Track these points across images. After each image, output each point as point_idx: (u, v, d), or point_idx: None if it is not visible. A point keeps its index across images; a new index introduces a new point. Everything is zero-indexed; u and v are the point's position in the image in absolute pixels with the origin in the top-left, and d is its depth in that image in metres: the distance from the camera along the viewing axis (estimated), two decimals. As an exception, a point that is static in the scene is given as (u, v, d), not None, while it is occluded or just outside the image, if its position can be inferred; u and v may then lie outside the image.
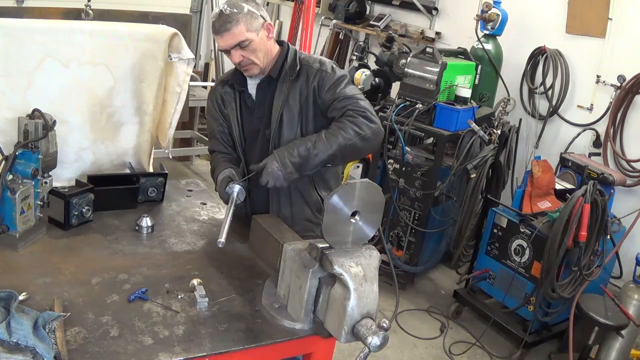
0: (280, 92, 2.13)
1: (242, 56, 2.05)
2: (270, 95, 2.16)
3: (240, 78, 2.22)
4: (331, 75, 2.10)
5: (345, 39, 6.12)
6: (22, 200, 1.87)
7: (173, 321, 1.61)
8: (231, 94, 2.24)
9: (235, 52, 2.04)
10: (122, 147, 2.51)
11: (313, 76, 2.11)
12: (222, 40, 2.02)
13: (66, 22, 2.42)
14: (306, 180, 2.20)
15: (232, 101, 2.24)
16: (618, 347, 3.22)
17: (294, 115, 2.12)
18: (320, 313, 1.60)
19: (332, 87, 2.09)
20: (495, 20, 4.22)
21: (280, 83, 2.14)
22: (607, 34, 3.97)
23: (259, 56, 2.08)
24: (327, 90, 2.09)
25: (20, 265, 1.80)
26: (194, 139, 5.85)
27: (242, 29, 2.00)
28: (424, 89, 3.89)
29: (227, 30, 1.99)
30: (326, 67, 2.13)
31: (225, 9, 2.00)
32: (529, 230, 3.38)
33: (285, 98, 2.12)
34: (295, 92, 2.12)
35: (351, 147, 2.00)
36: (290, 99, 2.12)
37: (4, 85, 2.13)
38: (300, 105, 2.12)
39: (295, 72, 2.12)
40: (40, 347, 1.35)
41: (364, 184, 1.55)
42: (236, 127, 2.23)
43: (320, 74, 2.11)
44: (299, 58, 2.15)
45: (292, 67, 2.13)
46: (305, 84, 2.12)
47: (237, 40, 2.01)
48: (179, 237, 2.13)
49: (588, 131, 4.11)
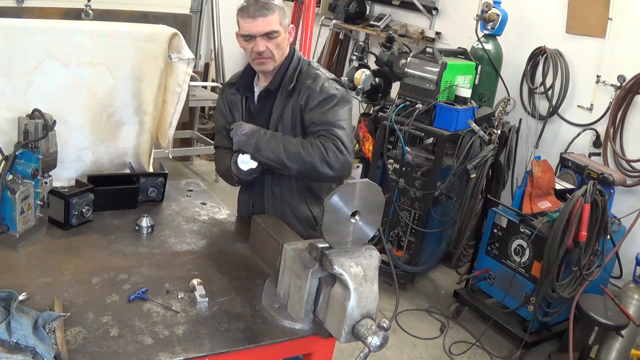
0: (277, 106, 2.13)
1: (267, 47, 2.03)
2: (270, 108, 2.15)
3: (247, 83, 2.21)
4: (317, 95, 2.05)
5: (345, 39, 6.12)
6: (22, 200, 1.87)
7: (173, 321, 1.61)
8: (238, 96, 2.24)
9: (261, 40, 2.02)
10: (122, 147, 2.51)
11: (303, 93, 2.09)
12: (253, 24, 1.99)
13: (66, 22, 2.42)
14: (296, 195, 2.21)
15: (239, 104, 2.23)
16: (618, 347, 3.22)
17: (287, 131, 2.11)
18: (320, 313, 1.60)
19: (315, 108, 2.05)
20: (495, 20, 4.22)
21: (278, 97, 2.13)
22: (607, 34, 3.97)
23: (279, 53, 2.07)
24: (310, 109, 2.06)
25: (20, 265, 1.80)
26: (194, 139, 5.85)
27: (276, 19, 2.01)
28: (424, 89, 3.89)
29: (262, 16, 1.98)
30: (316, 84, 2.08)
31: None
32: (529, 230, 3.38)
33: (280, 113, 2.11)
34: (289, 108, 2.11)
35: (310, 166, 1.98)
36: (285, 114, 2.11)
37: (4, 85, 2.13)
38: (292, 122, 2.11)
39: (290, 87, 2.10)
40: (40, 347, 1.35)
41: (364, 184, 1.55)
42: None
43: (308, 91, 2.07)
44: (298, 71, 2.12)
45: (289, 81, 2.11)
46: (297, 100, 2.10)
47: (269, 28, 2.00)
48: (179, 237, 2.13)
49: (588, 131, 4.11)
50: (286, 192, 2.22)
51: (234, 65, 7.32)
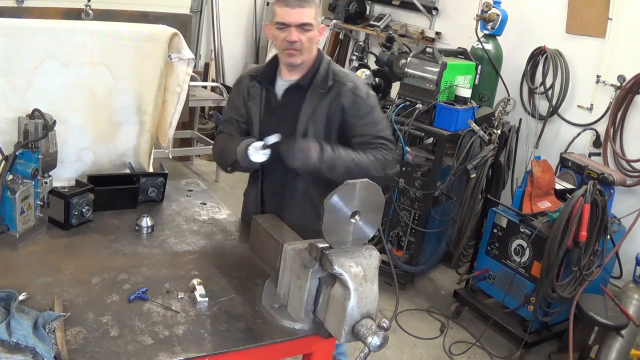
0: (309, 104, 2.10)
1: (299, 38, 2.02)
2: (297, 104, 2.12)
3: (270, 76, 2.20)
4: (365, 101, 2.09)
5: (345, 39, 6.12)
6: (22, 200, 1.87)
7: (173, 321, 1.61)
8: (257, 89, 2.21)
9: (295, 30, 2.01)
10: (122, 147, 2.51)
11: (345, 95, 2.08)
12: (290, 13, 2.00)
13: (66, 22, 2.42)
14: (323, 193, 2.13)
15: (257, 97, 2.20)
16: (618, 347, 3.21)
17: (320, 130, 2.09)
18: (320, 313, 1.60)
19: (365, 115, 2.08)
20: (495, 20, 4.22)
21: (310, 94, 2.11)
22: (607, 34, 3.97)
23: (309, 48, 2.07)
24: (359, 116, 2.08)
25: (20, 265, 1.80)
26: (194, 139, 5.85)
27: (312, 13, 2.02)
28: (424, 89, 3.89)
29: (301, 7, 2.00)
30: (360, 90, 2.10)
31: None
32: (529, 230, 3.38)
33: (313, 111, 2.09)
34: (324, 107, 2.09)
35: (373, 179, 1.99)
36: (318, 114, 2.09)
37: (4, 85, 2.13)
38: (326, 122, 2.09)
39: (327, 86, 2.09)
40: (40, 347, 1.35)
41: (364, 184, 1.55)
42: (256, 124, 2.19)
43: (353, 97, 2.08)
44: (332, 72, 2.12)
45: (324, 80, 2.10)
46: (335, 101, 2.09)
47: (305, 19, 2.01)
48: (179, 237, 2.13)
49: (588, 131, 4.11)
50: (312, 189, 2.18)
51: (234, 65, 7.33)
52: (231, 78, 7.28)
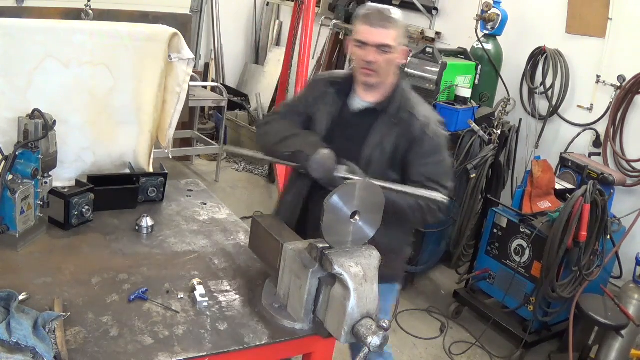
0: (379, 131, 2.04)
1: (377, 59, 1.97)
2: (368, 127, 2.05)
3: (348, 89, 2.14)
4: (431, 140, 2.02)
5: (345, 39, 6.12)
6: (22, 200, 1.87)
7: (173, 321, 1.62)
8: (332, 97, 2.14)
9: (374, 50, 1.96)
10: (122, 147, 2.50)
11: (414, 130, 2.01)
12: (371, 33, 1.95)
13: (66, 22, 2.42)
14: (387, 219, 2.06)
15: (330, 104, 2.13)
16: (618, 347, 3.22)
17: (384, 159, 2.02)
18: (320, 313, 1.60)
19: (426, 155, 2.01)
20: (495, 20, 4.22)
21: (382, 120, 2.05)
22: (607, 34, 3.97)
23: (387, 70, 2.01)
24: (421, 155, 2.00)
25: (20, 265, 1.80)
26: (194, 139, 5.85)
27: (394, 35, 1.96)
28: (424, 89, 3.89)
29: (383, 27, 1.95)
30: (430, 128, 2.03)
31: (384, 9, 1.97)
32: (529, 230, 3.38)
33: (381, 139, 2.02)
34: (392, 137, 2.02)
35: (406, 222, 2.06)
36: (386, 142, 2.02)
37: (4, 85, 2.13)
38: (392, 152, 2.02)
39: (399, 117, 2.03)
40: (40, 347, 1.35)
41: (364, 184, 1.55)
42: (320, 131, 2.11)
43: (421, 133, 2.01)
44: (407, 101, 2.06)
45: (398, 109, 2.04)
46: (404, 133, 2.02)
47: (385, 41, 1.95)
48: (179, 237, 2.13)
49: (588, 131, 4.11)
50: None
51: (234, 65, 7.34)
52: (231, 78, 7.29)
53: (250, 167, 6.09)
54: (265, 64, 7.20)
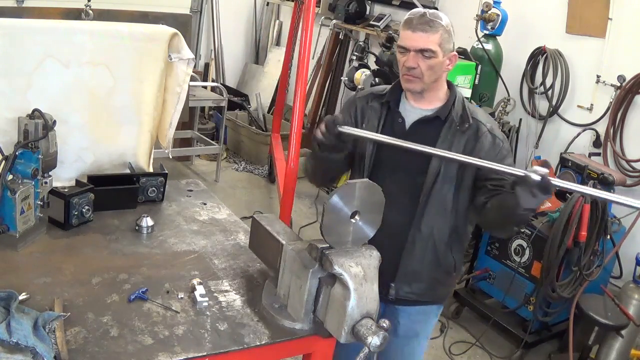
0: (445, 141, 1.95)
1: (418, 64, 1.89)
2: (430, 139, 1.93)
3: (397, 99, 2.04)
4: (503, 145, 1.97)
5: (345, 39, 6.12)
6: (22, 200, 1.87)
7: (173, 321, 1.61)
8: (377, 110, 2.04)
9: (414, 56, 1.89)
10: (122, 147, 2.50)
11: (483, 137, 1.95)
12: (412, 37, 1.88)
13: (66, 22, 2.42)
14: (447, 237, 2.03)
15: (376, 119, 2.04)
16: (618, 347, 3.22)
17: (452, 171, 1.95)
18: (320, 313, 1.60)
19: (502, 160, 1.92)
20: (495, 20, 4.22)
21: (446, 130, 1.96)
22: (607, 34, 3.97)
23: (430, 76, 1.92)
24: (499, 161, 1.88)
25: (20, 265, 1.80)
26: (194, 139, 5.85)
27: (437, 39, 1.88)
28: (424, 89, 3.89)
29: (423, 31, 1.87)
30: (497, 132, 1.99)
31: (428, 12, 1.90)
32: (529, 230, 3.38)
33: (449, 148, 1.93)
34: (459, 147, 1.94)
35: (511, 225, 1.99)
36: (454, 150, 1.92)
37: (4, 85, 2.13)
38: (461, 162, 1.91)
39: (465, 125, 1.95)
40: (40, 347, 1.35)
41: (364, 184, 1.55)
42: (370, 148, 2.02)
43: (492, 139, 1.96)
44: (469, 109, 1.99)
45: (462, 117, 1.97)
46: (471, 142, 1.95)
47: (426, 45, 1.87)
48: (179, 237, 2.13)
49: (588, 131, 4.11)
50: (437, 231, 2.01)
51: (234, 65, 7.34)
52: (231, 78, 7.30)
53: (250, 167, 6.09)
54: (265, 64, 7.20)
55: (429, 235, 2.01)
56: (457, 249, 2.11)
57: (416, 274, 2.04)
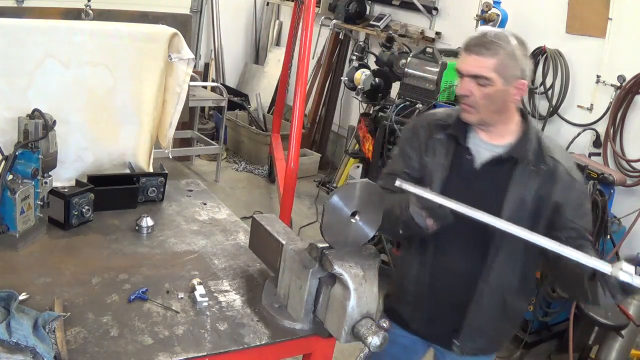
0: (519, 183, 1.72)
1: (471, 92, 1.68)
2: (502, 179, 1.73)
3: (464, 131, 1.79)
4: (581, 187, 1.76)
5: (345, 39, 6.12)
6: (22, 200, 1.87)
7: (173, 321, 1.61)
8: (444, 144, 1.80)
9: (467, 81, 1.68)
10: (122, 147, 2.50)
11: (560, 179, 1.71)
12: (465, 60, 1.68)
13: (66, 22, 2.42)
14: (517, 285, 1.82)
15: (443, 155, 1.80)
16: (618, 347, 3.21)
17: (525, 215, 1.71)
18: (320, 313, 1.61)
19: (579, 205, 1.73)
20: (495, 20, 4.22)
21: (519, 170, 1.73)
22: (607, 34, 3.97)
23: (487, 106, 1.69)
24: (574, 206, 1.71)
25: (20, 265, 1.80)
26: (194, 139, 5.85)
27: (493, 64, 1.64)
28: (424, 89, 3.89)
29: (478, 54, 1.65)
30: (575, 172, 1.75)
31: (491, 33, 1.67)
32: (529, 230, 3.37)
33: (522, 194, 1.72)
34: (534, 188, 1.72)
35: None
36: (528, 195, 1.72)
37: (4, 85, 2.13)
38: (534, 207, 1.72)
39: (541, 164, 1.72)
40: (40, 347, 1.35)
41: (364, 184, 1.55)
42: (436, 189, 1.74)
43: (571, 181, 1.72)
44: (545, 146, 1.75)
45: (538, 156, 1.73)
46: (547, 183, 1.72)
47: (479, 71, 1.65)
48: (179, 237, 2.13)
49: (588, 131, 4.11)
50: (506, 283, 1.79)
51: (234, 65, 7.35)
52: (231, 78, 7.30)
53: (250, 167, 6.10)
54: (265, 64, 7.21)
55: (497, 287, 1.79)
56: (525, 296, 1.92)
57: (482, 329, 1.85)
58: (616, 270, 1.33)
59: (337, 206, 1.50)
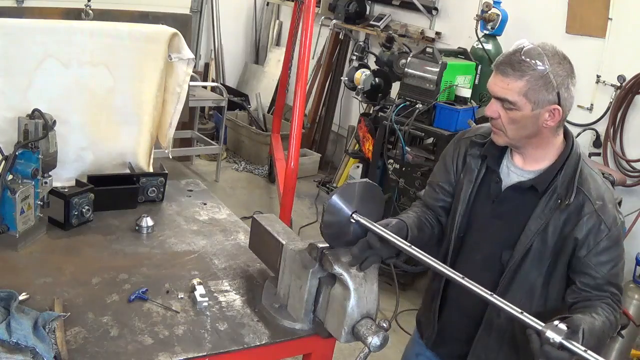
0: (542, 214, 1.58)
1: (498, 114, 1.56)
2: (526, 207, 1.61)
3: (497, 153, 1.69)
4: (610, 231, 1.55)
5: (345, 39, 6.12)
6: (22, 200, 1.87)
7: (173, 321, 1.61)
8: (477, 162, 1.72)
9: (494, 103, 1.57)
10: (122, 147, 2.50)
11: (586, 217, 1.55)
12: (492, 80, 1.57)
13: (66, 22, 2.42)
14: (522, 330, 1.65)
15: (474, 172, 1.72)
16: (618, 347, 3.21)
17: (546, 251, 1.59)
18: (320, 313, 1.61)
19: (604, 251, 1.55)
20: (495, 20, 4.21)
21: (544, 202, 1.59)
22: (607, 34, 3.97)
23: (515, 131, 1.56)
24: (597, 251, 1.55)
25: (20, 265, 1.80)
26: (194, 139, 5.85)
27: (520, 87, 1.50)
28: (424, 89, 3.89)
29: (504, 75, 1.53)
30: (608, 213, 1.55)
31: (526, 50, 1.55)
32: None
33: (544, 226, 1.58)
34: (559, 222, 1.57)
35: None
36: (550, 229, 1.58)
37: (4, 85, 2.13)
38: (556, 242, 1.58)
39: (567, 197, 1.55)
40: (40, 347, 1.35)
41: (364, 184, 1.55)
42: (462, 207, 1.71)
43: (598, 221, 1.54)
44: (578, 177, 1.57)
45: (567, 187, 1.57)
46: (573, 218, 1.56)
47: (503, 93, 1.53)
48: (179, 237, 2.13)
49: (588, 131, 4.11)
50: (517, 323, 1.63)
51: (234, 65, 7.35)
52: (231, 78, 7.30)
53: (250, 167, 6.10)
54: (265, 64, 7.21)
55: (507, 324, 1.64)
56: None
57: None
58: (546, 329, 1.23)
59: (337, 206, 1.50)
